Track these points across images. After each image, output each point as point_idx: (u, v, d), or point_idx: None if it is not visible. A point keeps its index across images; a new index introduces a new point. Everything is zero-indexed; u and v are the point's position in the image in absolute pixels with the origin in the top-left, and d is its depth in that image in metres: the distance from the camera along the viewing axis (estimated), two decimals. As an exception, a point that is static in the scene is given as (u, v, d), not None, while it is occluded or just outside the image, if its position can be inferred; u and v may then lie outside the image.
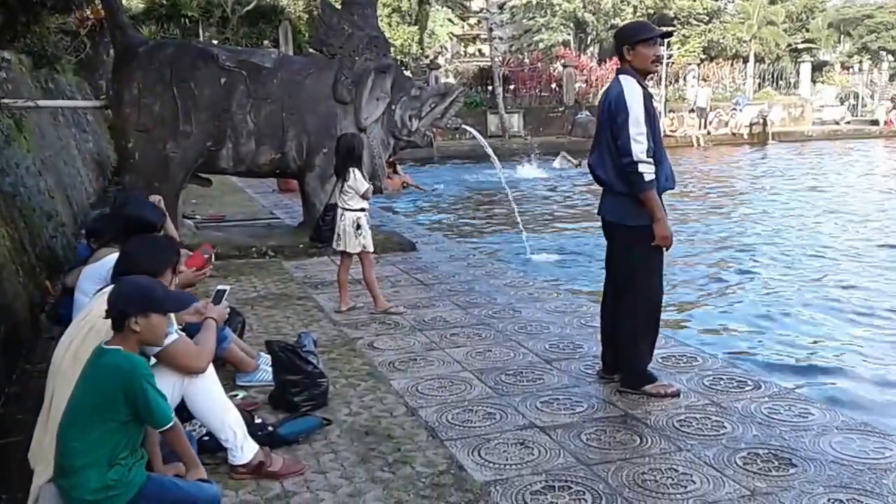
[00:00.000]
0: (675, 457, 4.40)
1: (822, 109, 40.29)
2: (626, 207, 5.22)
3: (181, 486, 3.65)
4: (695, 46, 49.14)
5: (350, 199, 7.38)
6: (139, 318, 3.47)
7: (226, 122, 9.90)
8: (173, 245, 4.65)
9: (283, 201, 15.48)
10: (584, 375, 5.75)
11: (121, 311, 3.49)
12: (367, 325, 7.14)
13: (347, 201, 7.40)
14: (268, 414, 5.06)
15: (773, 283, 10.86)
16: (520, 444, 4.59)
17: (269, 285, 8.73)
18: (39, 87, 13.00)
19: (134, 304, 3.49)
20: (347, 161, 7.41)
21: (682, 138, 33.50)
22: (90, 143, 16.88)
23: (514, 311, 7.53)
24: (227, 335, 5.43)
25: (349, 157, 7.41)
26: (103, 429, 3.37)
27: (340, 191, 7.44)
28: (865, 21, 57.95)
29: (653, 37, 5.29)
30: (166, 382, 4.05)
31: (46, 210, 9.47)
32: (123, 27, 10.24)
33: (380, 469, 4.33)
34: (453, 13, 48.58)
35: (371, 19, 10.71)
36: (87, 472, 3.37)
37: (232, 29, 27.23)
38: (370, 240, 7.49)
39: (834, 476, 4.12)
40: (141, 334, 3.50)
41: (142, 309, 3.48)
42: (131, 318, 3.46)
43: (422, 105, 10.64)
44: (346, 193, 7.39)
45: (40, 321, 7.19)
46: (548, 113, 35.54)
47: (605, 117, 5.25)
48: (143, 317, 3.48)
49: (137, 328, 3.48)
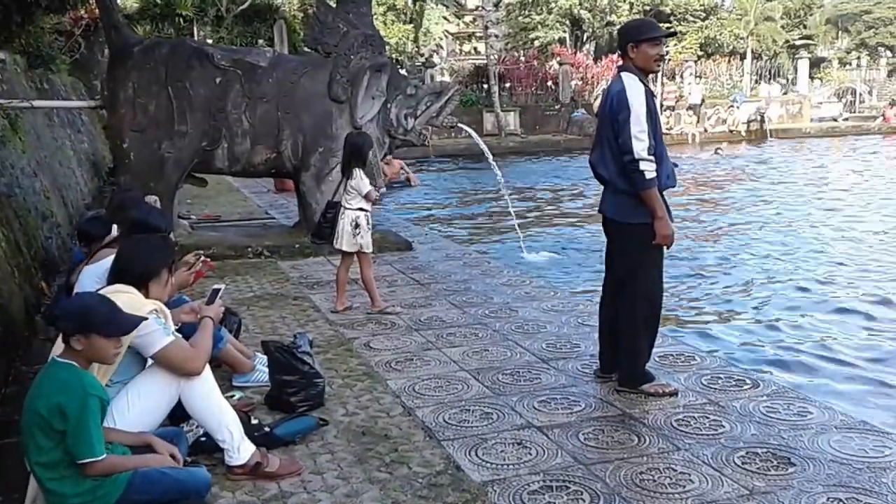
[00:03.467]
0: (673, 456, 4.38)
1: (820, 106, 40.27)
2: (627, 205, 5.21)
3: (169, 474, 3.65)
4: (692, 43, 49.20)
5: (352, 198, 7.38)
6: (80, 337, 3.43)
7: (221, 121, 9.87)
8: (169, 245, 4.63)
9: (279, 201, 15.44)
10: (581, 375, 5.73)
11: (61, 328, 3.48)
12: (363, 325, 7.12)
13: (349, 200, 7.40)
14: (264, 414, 5.04)
15: (772, 281, 10.85)
16: (517, 444, 4.57)
17: (265, 285, 8.71)
18: (34, 88, 12.96)
19: (72, 323, 3.45)
20: (353, 160, 7.41)
21: (679, 136, 33.51)
22: (85, 144, 16.84)
23: (511, 311, 7.51)
24: (223, 336, 5.41)
25: (355, 156, 7.41)
26: (55, 440, 3.38)
27: (344, 189, 7.44)
28: (863, 17, 58.08)
29: (658, 36, 5.30)
30: (163, 384, 4.05)
31: (42, 211, 9.45)
32: (118, 27, 10.21)
33: (377, 469, 4.31)
34: (449, 11, 48.50)
35: (366, 17, 10.68)
36: (62, 487, 3.40)
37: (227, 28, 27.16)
38: (369, 240, 7.47)
39: (833, 475, 4.10)
40: (84, 352, 3.46)
41: (80, 330, 3.43)
42: (71, 336, 3.43)
43: (417, 104, 10.62)
44: (349, 193, 7.39)
45: (36, 322, 7.16)
46: (544, 111, 35.56)
47: (607, 114, 5.24)
48: (84, 337, 3.43)
49: (79, 347, 3.44)
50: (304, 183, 10.39)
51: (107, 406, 3.54)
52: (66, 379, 3.39)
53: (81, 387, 3.37)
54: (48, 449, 3.38)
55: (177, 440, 4.00)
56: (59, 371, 3.42)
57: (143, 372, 4.08)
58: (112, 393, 3.87)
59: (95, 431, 3.38)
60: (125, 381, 4.02)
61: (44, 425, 3.35)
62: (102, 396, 3.47)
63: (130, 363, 4.03)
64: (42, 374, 3.48)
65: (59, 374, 3.42)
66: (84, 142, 16.79)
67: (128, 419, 3.90)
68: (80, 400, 3.34)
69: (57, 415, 3.32)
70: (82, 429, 3.34)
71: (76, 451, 3.36)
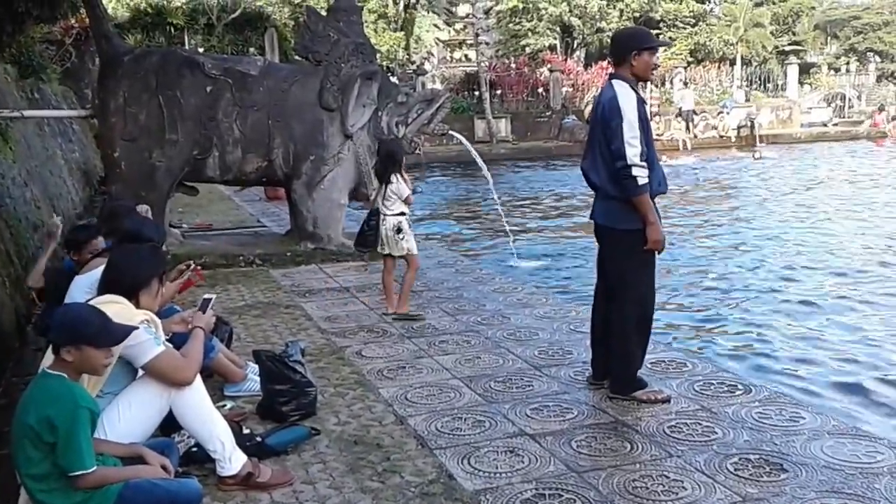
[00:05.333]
0: (665, 463, 4.38)
1: (810, 111, 40.40)
2: (619, 211, 5.22)
3: (160, 486, 3.63)
4: (681, 49, 49.27)
5: (392, 203, 7.50)
6: (71, 348, 3.42)
7: (212, 130, 9.86)
8: (159, 255, 4.62)
9: (270, 209, 15.43)
10: (573, 382, 5.73)
11: (52, 339, 3.46)
12: (354, 334, 7.11)
13: (389, 206, 7.51)
14: (256, 424, 5.02)
15: (764, 287, 10.87)
16: (510, 452, 4.56)
17: (257, 294, 8.69)
18: (25, 97, 12.95)
19: (63, 335, 3.44)
20: (388, 166, 7.52)
21: (669, 142, 33.55)
22: (76, 153, 16.81)
23: (503, 318, 7.51)
24: (214, 345, 5.39)
25: (390, 161, 7.53)
26: (44, 453, 3.36)
27: (383, 196, 7.53)
28: (852, 22, 58.28)
29: (658, 45, 5.38)
30: (154, 394, 4.03)
31: (32, 221, 9.42)
32: (109, 36, 10.20)
33: (369, 479, 4.29)
34: (439, 18, 48.58)
35: (356, 26, 10.69)
36: (52, 499, 3.39)
37: (217, 36, 27.18)
38: (413, 242, 7.65)
39: (825, 481, 4.10)
40: (75, 364, 3.45)
41: (71, 341, 3.42)
42: (62, 347, 3.42)
43: (408, 111, 10.61)
44: (388, 199, 7.50)
45: (27, 332, 7.14)
46: (535, 118, 35.61)
47: (598, 122, 5.25)
48: (75, 348, 3.42)
49: (70, 358, 3.43)
50: (295, 191, 10.37)
51: (97, 418, 3.52)
52: (56, 391, 3.37)
53: (72, 399, 3.36)
54: (38, 461, 3.36)
55: (168, 451, 3.98)
56: (50, 383, 3.41)
57: (134, 383, 4.06)
58: (103, 404, 3.85)
59: (85, 444, 3.36)
60: (116, 391, 4.00)
61: (34, 437, 3.33)
62: (93, 408, 3.46)
63: (121, 374, 4.01)
64: (32, 386, 3.47)
65: (49, 385, 3.40)
66: (75, 151, 16.76)
67: (118, 430, 3.88)
68: (69, 412, 3.33)
69: (46, 427, 3.31)
70: (72, 441, 3.32)
71: (66, 463, 3.35)
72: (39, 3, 9.27)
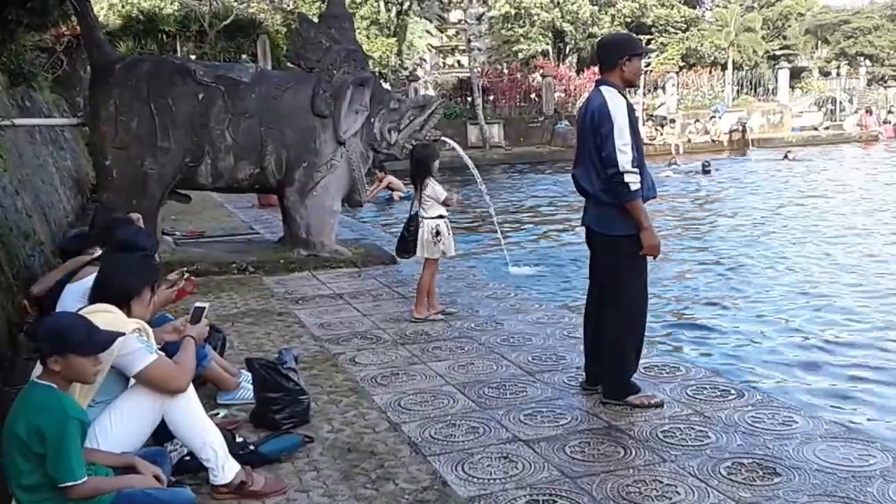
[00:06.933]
0: (659, 468, 4.39)
1: (801, 115, 40.55)
2: (611, 217, 5.23)
3: (153, 495, 3.62)
4: (673, 54, 49.46)
5: (430, 207, 7.62)
6: (57, 357, 3.40)
7: (204, 137, 9.84)
8: (151, 264, 4.61)
9: (263, 216, 15.40)
10: (567, 387, 5.73)
11: (37, 349, 3.46)
12: (348, 341, 7.10)
13: (427, 210, 7.62)
14: (249, 432, 5.01)
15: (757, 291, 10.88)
16: (504, 458, 4.57)
17: (250, 301, 8.68)
18: (16, 105, 12.92)
19: (49, 343, 3.43)
20: (421, 171, 7.65)
21: (661, 147, 33.61)
22: (68, 161, 16.77)
23: (497, 324, 7.51)
24: (206, 353, 5.38)
25: (423, 167, 7.67)
26: (35, 463, 3.35)
27: (420, 201, 7.63)
28: (842, 27, 58.49)
29: (647, 51, 5.39)
30: (146, 402, 4.02)
31: (24, 229, 9.38)
32: (100, 44, 10.18)
33: (363, 486, 4.29)
34: (432, 24, 48.60)
35: (348, 32, 10.68)
36: None
37: (209, 43, 27.14)
38: (451, 244, 7.77)
39: (819, 484, 4.11)
40: (63, 373, 3.43)
41: (56, 350, 3.40)
42: (48, 357, 3.41)
43: (401, 117, 10.59)
44: (425, 203, 7.61)
45: (19, 341, 7.12)
46: (528, 123, 35.68)
47: (588, 128, 5.24)
48: (62, 357, 3.40)
49: (56, 367, 3.41)
50: (288, 198, 10.36)
51: (87, 428, 3.51)
52: (45, 401, 3.36)
53: (61, 409, 3.35)
54: (29, 472, 3.35)
55: (160, 460, 3.97)
56: (38, 393, 3.40)
57: (126, 391, 4.05)
58: (95, 413, 3.85)
59: (75, 454, 3.35)
60: (108, 401, 3.99)
61: (23, 448, 3.32)
62: (82, 419, 3.44)
63: (113, 383, 4.00)
64: (21, 397, 3.45)
65: (38, 396, 3.39)
66: (67, 159, 16.72)
67: (111, 439, 3.87)
68: (59, 423, 3.31)
69: (36, 438, 3.30)
70: (62, 452, 3.31)
71: (56, 474, 3.33)
72: (30, 10, 9.24)
